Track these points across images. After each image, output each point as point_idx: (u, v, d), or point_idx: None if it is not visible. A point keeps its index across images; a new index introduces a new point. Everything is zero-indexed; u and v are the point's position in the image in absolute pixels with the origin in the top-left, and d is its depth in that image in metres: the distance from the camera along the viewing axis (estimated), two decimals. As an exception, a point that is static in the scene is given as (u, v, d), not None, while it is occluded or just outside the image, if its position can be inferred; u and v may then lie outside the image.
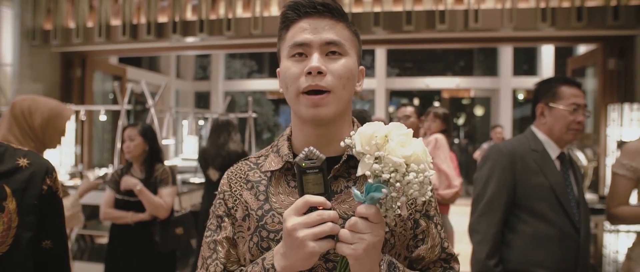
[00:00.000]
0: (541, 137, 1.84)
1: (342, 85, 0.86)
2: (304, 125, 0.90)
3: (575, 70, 5.06)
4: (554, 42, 5.60)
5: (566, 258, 1.75)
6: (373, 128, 0.77)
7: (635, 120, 3.85)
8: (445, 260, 0.98)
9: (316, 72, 0.84)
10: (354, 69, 0.89)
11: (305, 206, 0.75)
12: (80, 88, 5.28)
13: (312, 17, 0.88)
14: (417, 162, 0.74)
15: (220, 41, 4.67)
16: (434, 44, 5.55)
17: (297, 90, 0.86)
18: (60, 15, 4.74)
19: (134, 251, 2.57)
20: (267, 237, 0.88)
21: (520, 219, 1.81)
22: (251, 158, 0.99)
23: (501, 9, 3.94)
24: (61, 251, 1.13)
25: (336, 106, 0.87)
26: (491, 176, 1.83)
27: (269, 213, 0.89)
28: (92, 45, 4.84)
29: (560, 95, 1.82)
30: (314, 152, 0.77)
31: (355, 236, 0.75)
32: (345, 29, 0.89)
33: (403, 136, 0.76)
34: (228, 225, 0.94)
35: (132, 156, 2.62)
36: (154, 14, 4.50)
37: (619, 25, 3.80)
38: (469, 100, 11.14)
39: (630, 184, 1.84)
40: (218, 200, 0.96)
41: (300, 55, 0.87)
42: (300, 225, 0.74)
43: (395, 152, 0.74)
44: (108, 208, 2.59)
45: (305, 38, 0.86)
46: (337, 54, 0.87)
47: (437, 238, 0.96)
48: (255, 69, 11.43)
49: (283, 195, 0.90)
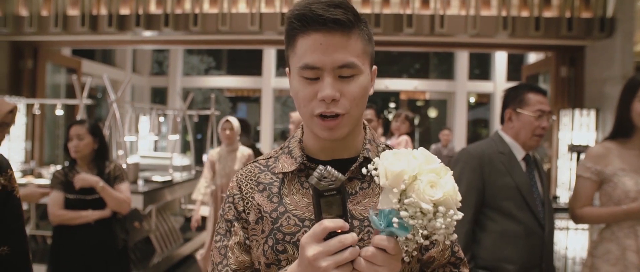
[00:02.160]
0: (508, 140, 1.95)
1: (356, 105, 0.84)
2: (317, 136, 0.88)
3: (530, 77, 5.33)
4: (511, 49, 5.87)
5: (532, 253, 1.87)
6: (402, 165, 0.71)
7: (585, 125, 4.12)
8: (454, 264, 0.99)
9: (330, 100, 0.81)
10: (368, 84, 0.86)
11: (324, 232, 0.72)
12: (32, 80, 4.98)
13: (321, 32, 0.80)
14: (446, 206, 0.68)
15: (186, 36, 4.56)
16: (399, 47, 5.68)
17: (311, 113, 0.83)
18: (10, 2, 4.45)
19: (89, 249, 2.48)
20: (282, 240, 0.86)
21: (489, 217, 1.91)
22: (260, 160, 0.98)
23: (465, 16, 4.09)
24: (20, 258, 1.01)
25: (350, 125, 0.86)
26: (461, 177, 1.92)
27: (284, 215, 0.88)
28: (47, 36, 4.58)
29: (527, 101, 1.93)
30: (332, 172, 0.74)
31: (372, 267, 0.71)
32: (358, 41, 0.83)
33: (433, 175, 0.70)
34: (238, 230, 0.92)
35: (81, 155, 2.52)
36: (115, 6, 4.32)
37: (571, 36, 4.05)
38: (423, 102, 11.47)
39: (593, 187, 1.97)
40: (227, 204, 0.94)
41: (311, 78, 0.82)
42: (321, 254, 0.71)
43: (424, 196, 0.68)
44: (60, 210, 2.47)
45: (316, 60, 0.81)
46: (351, 76, 0.82)
47: (448, 241, 0.97)
48: (213, 65, 11.21)
49: (297, 196, 0.89)
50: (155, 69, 10.31)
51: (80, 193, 2.48)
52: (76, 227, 2.47)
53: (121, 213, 2.59)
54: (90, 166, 2.57)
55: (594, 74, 4.26)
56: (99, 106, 8.35)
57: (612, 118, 2.01)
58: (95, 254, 2.49)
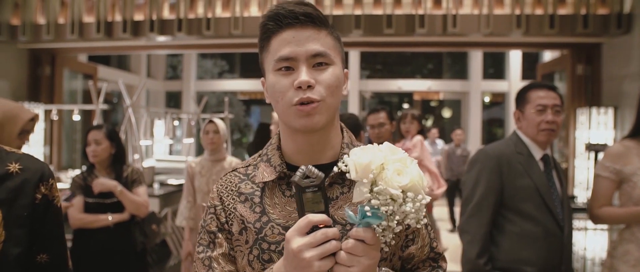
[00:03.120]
0: (525, 140, 1.94)
1: (331, 94, 0.86)
2: (295, 135, 0.90)
3: (545, 75, 5.26)
4: (526, 47, 5.80)
5: (551, 255, 1.84)
6: (369, 157, 0.75)
7: (602, 124, 4.04)
8: (433, 259, 1.01)
9: (306, 86, 0.84)
10: (341, 77, 0.90)
11: (308, 225, 0.75)
12: (50, 86, 5.07)
13: (294, 27, 0.86)
14: (414, 191, 0.74)
15: (199, 41, 4.60)
16: (412, 48, 5.66)
17: (289, 103, 0.85)
18: (28, 10, 4.54)
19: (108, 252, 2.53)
20: (268, 249, 0.88)
21: (508, 219, 1.89)
22: (239, 169, 0.98)
23: (478, 15, 4.05)
24: (59, 265, 1.03)
25: (327, 115, 0.87)
26: (479, 178, 1.90)
27: (268, 225, 0.89)
28: (63, 43, 4.66)
29: (528, 99, 1.93)
30: (312, 170, 0.77)
31: (353, 259, 0.75)
32: (328, 37, 0.88)
33: (399, 163, 0.75)
34: (223, 241, 0.92)
35: (99, 159, 2.57)
36: (129, 12, 4.38)
37: (587, 33, 3.98)
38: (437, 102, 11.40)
39: (613, 186, 1.94)
40: (209, 215, 0.95)
41: (287, 69, 0.86)
42: (305, 246, 0.74)
43: (392, 182, 0.73)
44: (79, 214, 2.52)
45: (291, 51, 0.85)
46: (324, 65, 0.86)
47: (427, 238, 0.99)
48: (226, 69, 11.30)
49: (279, 206, 0.90)
50: (170, 73, 10.42)
51: (99, 197, 2.53)
52: (95, 230, 2.52)
53: (139, 216, 2.63)
54: (108, 170, 2.62)
55: (612, 71, 4.19)
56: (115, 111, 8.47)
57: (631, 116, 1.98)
58: (114, 257, 2.53)
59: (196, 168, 3.10)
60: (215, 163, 3.08)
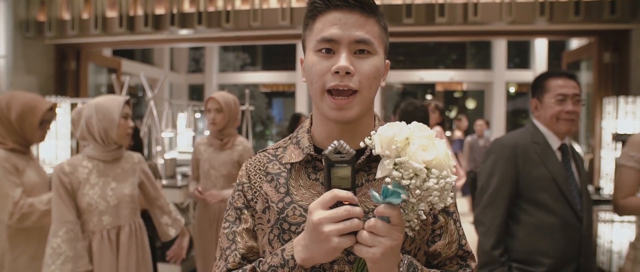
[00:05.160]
0: (542, 130, 1.89)
1: (368, 85, 0.85)
2: (326, 121, 0.89)
3: (570, 64, 5.11)
4: (550, 35, 5.64)
5: (569, 247, 1.80)
6: (394, 130, 0.74)
7: (630, 113, 3.91)
8: (461, 257, 0.96)
9: (344, 72, 0.82)
10: (381, 68, 0.88)
11: (333, 200, 0.74)
12: (75, 81, 5.21)
13: (342, 10, 0.83)
14: (439, 168, 0.71)
15: (219, 33, 4.64)
16: (433, 37, 5.57)
17: (323, 87, 0.84)
18: (54, 6, 4.67)
19: None
20: (288, 230, 0.87)
21: (524, 209, 1.86)
22: (269, 149, 0.99)
23: (500, 3, 3.96)
24: None
25: (361, 107, 0.86)
26: (494, 169, 1.88)
27: (290, 206, 0.89)
28: (88, 37, 4.77)
29: (547, 88, 1.88)
30: (344, 146, 0.76)
31: (375, 238, 0.73)
32: (375, 25, 0.86)
33: (425, 139, 0.73)
34: (248, 217, 0.93)
35: None
36: (151, 6, 4.45)
37: (615, 20, 3.85)
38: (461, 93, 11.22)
39: (637, 176, 1.88)
40: (236, 192, 0.96)
41: (327, 52, 0.84)
42: (326, 219, 0.73)
43: (416, 157, 0.71)
44: None
45: (334, 33, 0.83)
46: (366, 53, 0.84)
47: (455, 235, 0.95)
48: (249, 61, 11.37)
49: (304, 188, 0.90)
50: (193, 66, 10.56)
51: None
52: None
53: None
54: None
55: (641, 59, 4.04)
56: (139, 104, 8.64)
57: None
58: None
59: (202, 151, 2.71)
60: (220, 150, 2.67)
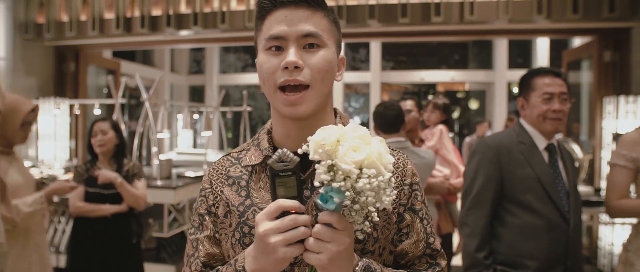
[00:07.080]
0: (529, 130, 1.86)
1: (320, 79, 0.84)
2: (284, 119, 0.89)
3: (571, 63, 5.07)
4: (549, 34, 5.60)
5: (555, 248, 1.76)
6: (323, 134, 0.72)
7: (631, 113, 3.86)
8: (430, 256, 0.95)
9: (293, 67, 0.81)
10: (333, 61, 0.87)
11: (278, 210, 0.74)
12: (74, 82, 5.22)
13: (287, 7, 0.84)
14: (371, 167, 0.70)
15: (215, 34, 4.63)
16: (429, 37, 5.54)
17: (274, 85, 0.84)
18: (53, 8, 4.68)
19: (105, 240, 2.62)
20: (249, 233, 0.86)
21: (509, 211, 1.83)
22: (233, 153, 0.98)
23: (497, 1, 3.93)
24: None
25: (315, 101, 0.85)
26: (478, 169, 1.85)
27: (250, 209, 0.88)
28: (86, 39, 4.78)
29: (533, 86, 1.85)
30: (287, 154, 0.75)
31: (321, 245, 0.73)
32: (323, 18, 0.86)
33: (357, 140, 0.71)
34: (209, 224, 0.92)
35: (105, 149, 2.67)
36: (147, 7, 4.45)
37: (614, 17, 3.80)
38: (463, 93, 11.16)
39: (630, 175, 1.84)
40: (200, 197, 0.95)
41: (276, 49, 0.84)
42: (272, 230, 0.73)
43: (345, 158, 0.69)
44: (79, 202, 2.62)
45: (280, 30, 0.83)
46: (315, 46, 0.84)
47: (422, 233, 0.93)
48: (250, 62, 11.36)
49: (264, 190, 0.89)
50: (193, 68, 10.57)
51: (99, 188, 2.62)
52: (94, 219, 2.61)
53: (137, 209, 2.71)
54: (111, 162, 2.71)
55: (641, 57, 3.99)
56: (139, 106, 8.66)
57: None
58: (111, 246, 2.63)
59: None
60: None
